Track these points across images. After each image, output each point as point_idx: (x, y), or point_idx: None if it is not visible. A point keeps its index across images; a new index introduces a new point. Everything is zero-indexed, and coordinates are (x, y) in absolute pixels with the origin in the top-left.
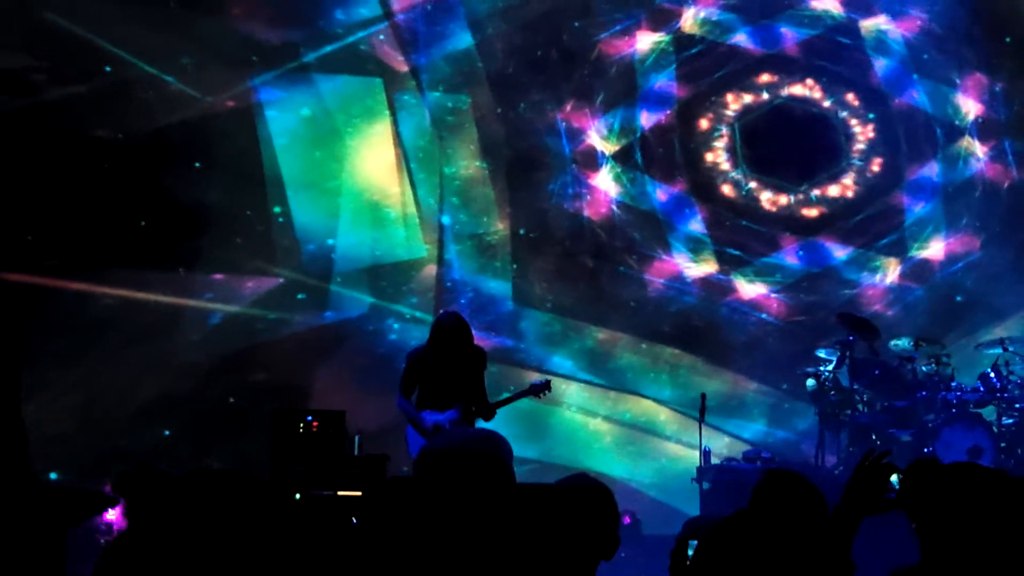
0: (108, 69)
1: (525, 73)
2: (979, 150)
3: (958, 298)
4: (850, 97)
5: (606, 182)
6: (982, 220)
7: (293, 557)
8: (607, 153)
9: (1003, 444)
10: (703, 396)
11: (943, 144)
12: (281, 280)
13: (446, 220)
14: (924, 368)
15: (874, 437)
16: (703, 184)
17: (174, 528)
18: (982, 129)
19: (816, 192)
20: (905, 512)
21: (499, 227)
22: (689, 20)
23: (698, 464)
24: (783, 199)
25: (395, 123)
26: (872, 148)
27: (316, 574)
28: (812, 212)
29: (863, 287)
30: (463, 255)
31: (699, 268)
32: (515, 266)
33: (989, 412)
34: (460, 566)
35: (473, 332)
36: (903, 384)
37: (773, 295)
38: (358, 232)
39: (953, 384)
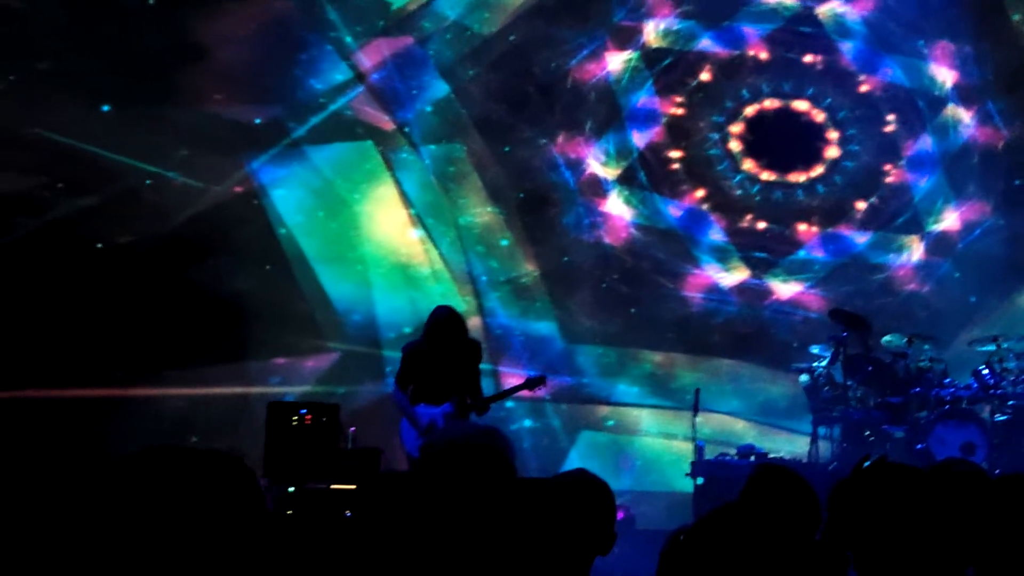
0: (113, 176)
1: (509, 112)
2: (965, 116)
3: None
4: (828, 85)
5: (618, 207)
6: (987, 184)
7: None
8: (611, 178)
9: (996, 441)
10: (697, 391)
11: (929, 116)
12: (338, 354)
13: (476, 270)
14: (918, 364)
15: (867, 433)
16: (712, 192)
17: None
18: (962, 95)
19: (820, 183)
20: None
21: (528, 268)
22: (652, 34)
23: (692, 459)
24: (791, 194)
25: (397, 182)
26: (863, 132)
27: (311, 568)
28: (822, 203)
29: (893, 269)
30: (503, 301)
31: (732, 276)
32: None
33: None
34: (458, 559)
35: (532, 374)
36: (896, 380)
37: (810, 291)
38: (395, 296)
39: (947, 380)
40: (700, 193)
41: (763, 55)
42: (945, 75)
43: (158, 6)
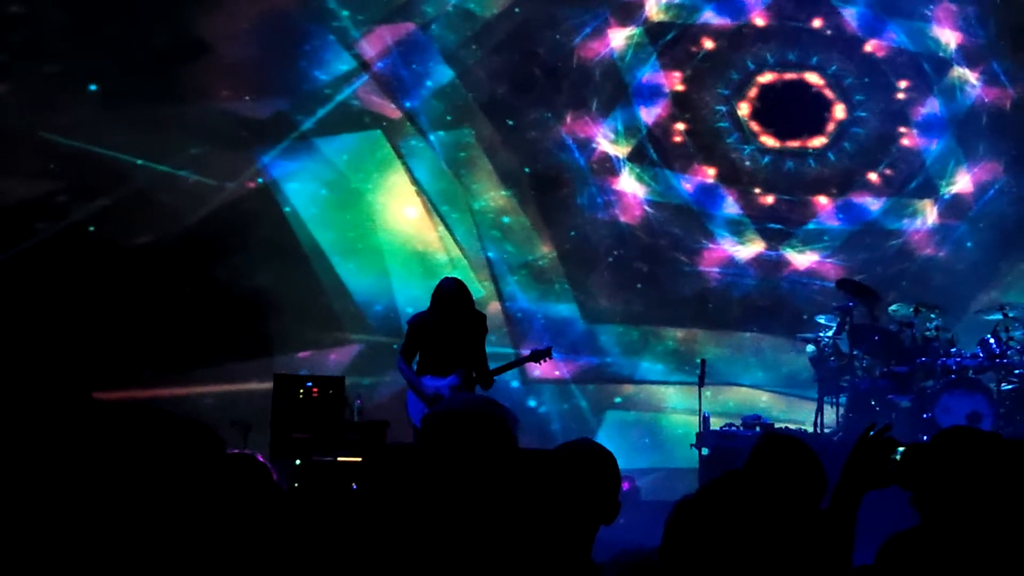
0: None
1: (515, 94)
2: (971, 77)
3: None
4: (832, 52)
5: (630, 185)
6: (997, 144)
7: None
8: (621, 156)
9: (1002, 410)
10: (703, 362)
11: (935, 79)
12: (360, 346)
13: (492, 255)
14: (924, 334)
15: (873, 403)
16: (723, 166)
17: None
18: (967, 56)
19: (831, 151)
20: (901, 483)
21: (545, 251)
22: (653, 8)
23: (697, 430)
24: (802, 164)
25: (409, 170)
26: (870, 97)
27: (314, 539)
28: (834, 172)
29: (908, 234)
30: (521, 285)
31: (747, 249)
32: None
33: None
34: (460, 528)
35: (557, 356)
36: (902, 350)
37: (827, 260)
38: (413, 284)
39: (953, 350)
40: (711, 167)
41: (766, 24)
42: (948, 36)
43: (158, 2)
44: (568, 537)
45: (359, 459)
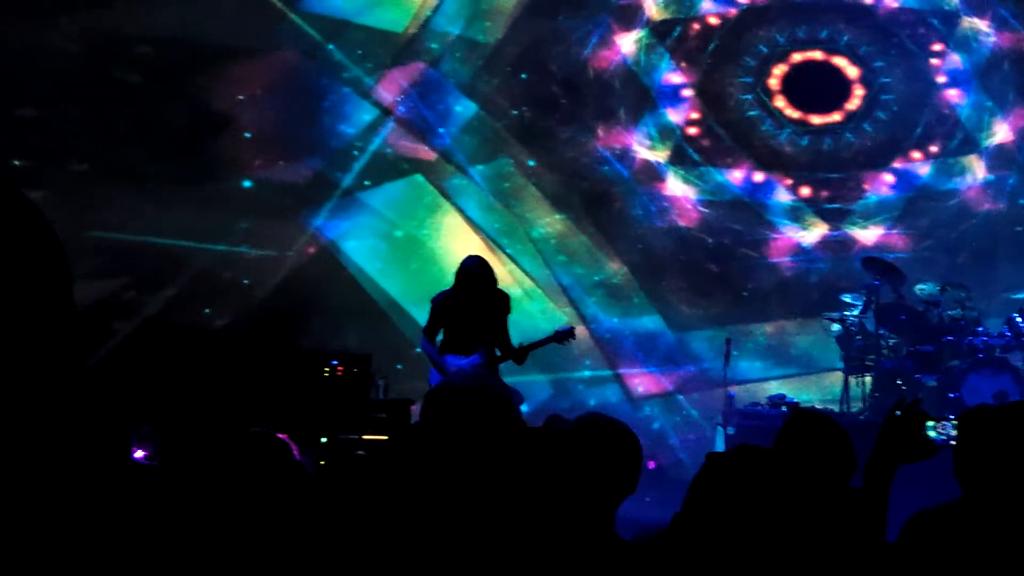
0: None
1: (542, 116)
2: (982, 26)
3: None
4: (841, 23)
5: (679, 188)
6: None
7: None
8: (662, 161)
9: None
10: (728, 341)
11: (947, 33)
12: None
13: (564, 280)
14: (950, 312)
15: (900, 382)
16: (764, 154)
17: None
18: (972, 4)
19: (865, 123)
20: (955, 455)
21: (614, 267)
22: (652, 8)
23: (723, 408)
24: (840, 139)
25: (460, 210)
26: (890, 63)
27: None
28: (874, 142)
29: (963, 192)
30: (601, 305)
31: (811, 233)
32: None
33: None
34: (466, 502)
35: (654, 369)
36: (929, 329)
37: (892, 232)
38: None
39: (979, 329)
40: (753, 157)
41: (768, 3)
42: None
43: (165, 84)
44: (588, 512)
45: (385, 437)
